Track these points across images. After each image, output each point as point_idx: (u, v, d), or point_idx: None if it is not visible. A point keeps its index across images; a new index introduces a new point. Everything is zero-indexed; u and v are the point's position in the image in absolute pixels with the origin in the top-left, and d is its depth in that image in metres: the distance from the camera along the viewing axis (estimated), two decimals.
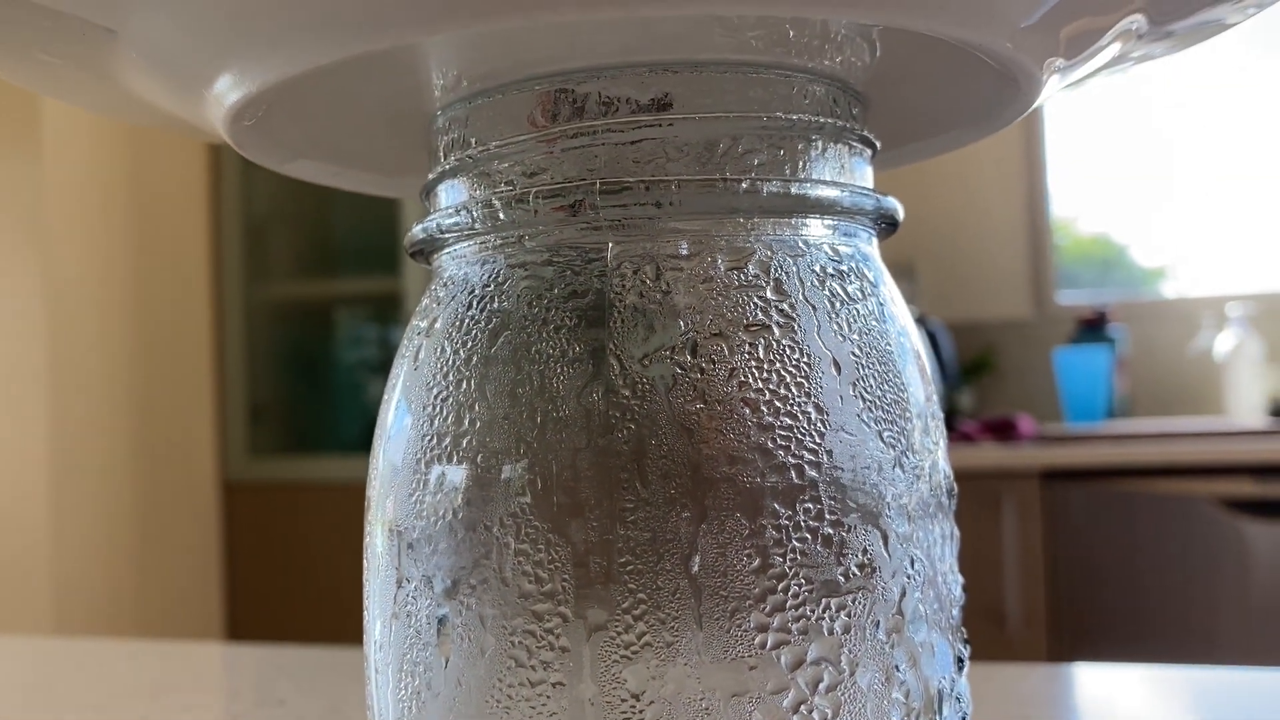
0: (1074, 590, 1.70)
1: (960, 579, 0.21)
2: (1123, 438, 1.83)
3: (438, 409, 0.19)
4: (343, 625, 1.87)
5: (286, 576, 2.17)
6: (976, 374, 2.22)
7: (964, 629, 0.21)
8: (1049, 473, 1.71)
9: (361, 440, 2.24)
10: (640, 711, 0.17)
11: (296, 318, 2.40)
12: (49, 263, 1.83)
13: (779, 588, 0.17)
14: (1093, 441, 1.83)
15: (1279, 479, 1.62)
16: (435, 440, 0.19)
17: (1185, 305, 2.20)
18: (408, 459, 0.20)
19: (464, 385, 0.19)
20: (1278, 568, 1.62)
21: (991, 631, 1.70)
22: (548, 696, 0.18)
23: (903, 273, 2.20)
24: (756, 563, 0.17)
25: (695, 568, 0.17)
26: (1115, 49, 0.21)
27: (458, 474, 0.19)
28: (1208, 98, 2.23)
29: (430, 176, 0.21)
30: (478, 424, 0.19)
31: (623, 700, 0.17)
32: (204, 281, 2.22)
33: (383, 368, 2.33)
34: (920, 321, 2.05)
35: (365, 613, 0.21)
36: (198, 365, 2.19)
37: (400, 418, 0.20)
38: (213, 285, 2.25)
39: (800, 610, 0.17)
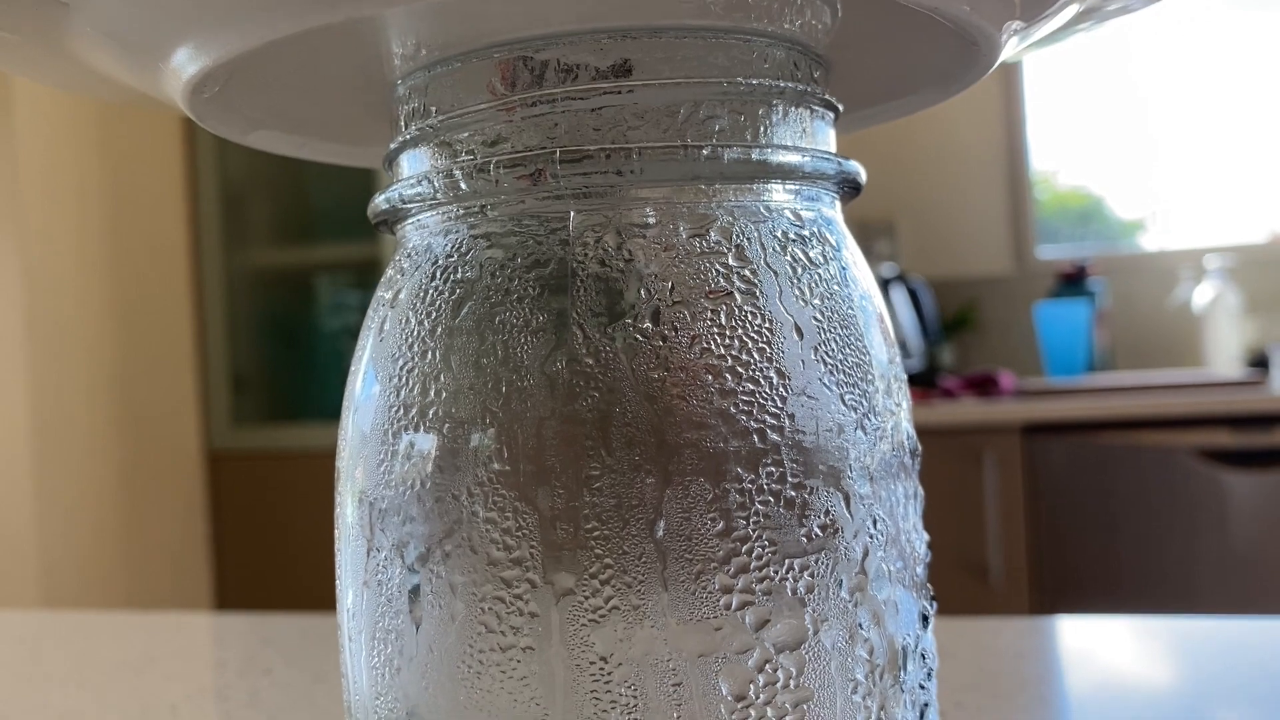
0: (1055, 542, 1.72)
1: (925, 536, 0.22)
2: (1103, 391, 1.85)
3: (404, 380, 0.19)
4: (329, 592, 1.87)
5: (272, 544, 2.18)
6: (958, 330, 2.23)
7: (930, 586, 0.22)
8: (1030, 427, 1.72)
9: None
10: (609, 673, 0.17)
11: (276, 286, 2.39)
12: (25, 236, 1.81)
13: (743, 550, 0.18)
14: (1073, 395, 1.84)
15: (1257, 429, 1.64)
16: (402, 411, 0.19)
17: (1164, 258, 2.21)
18: (376, 429, 0.20)
19: (429, 356, 0.19)
20: (1255, 517, 1.64)
21: (974, 584, 1.72)
22: (518, 661, 0.18)
23: (883, 230, 2.20)
24: (720, 526, 0.17)
25: (660, 532, 0.17)
26: (1075, 8, 0.21)
27: (425, 443, 0.19)
28: (1187, 49, 2.23)
29: (392, 146, 0.21)
30: (443, 394, 0.19)
31: (591, 663, 0.17)
32: (182, 251, 2.21)
33: None
34: (901, 279, 2.05)
35: (338, 581, 0.21)
36: (178, 335, 2.18)
37: (367, 388, 0.20)
38: (191, 255, 2.23)
39: (764, 572, 0.18)
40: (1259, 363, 1.90)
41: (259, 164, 2.31)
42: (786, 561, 0.18)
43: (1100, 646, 0.50)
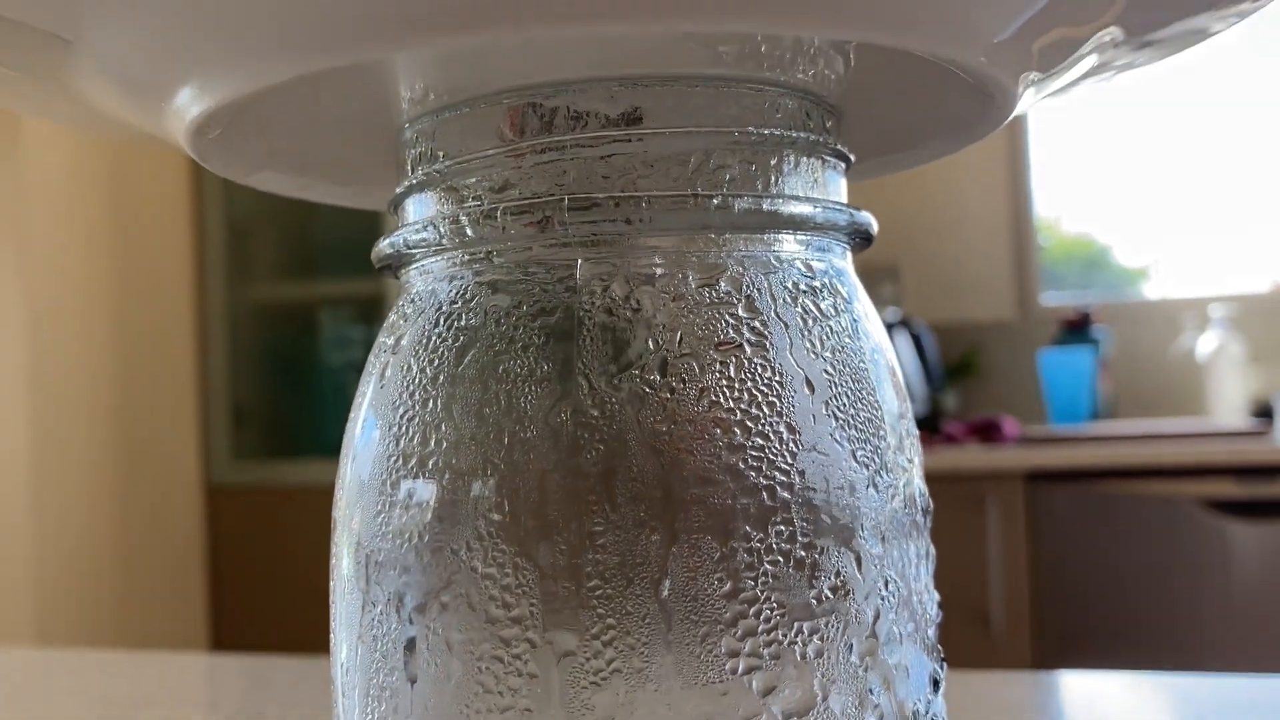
0: (1058, 591, 1.71)
1: (936, 597, 0.21)
2: (1106, 439, 1.84)
3: (404, 428, 0.19)
4: (328, 630, 1.86)
5: (271, 580, 2.16)
6: (961, 375, 2.23)
7: (940, 648, 0.21)
8: (1033, 474, 1.71)
9: None
10: None
11: (280, 320, 2.39)
12: (29, 264, 1.82)
13: (750, 612, 0.17)
14: (1076, 443, 1.83)
15: (1262, 479, 1.63)
16: (401, 460, 0.19)
17: (1168, 306, 2.21)
18: (374, 479, 0.19)
19: (430, 404, 0.19)
20: (1261, 568, 1.62)
21: (976, 633, 1.70)
22: None
23: (887, 274, 2.20)
24: (727, 586, 0.17)
25: (665, 592, 0.17)
26: (1092, 60, 0.21)
27: (424, 495, 0.18)
28: (1191, 98, 2.24)
29: (398, 190, 0.21)
30: (444, 444, 0.18)
31: None
32: (187, 283, 2.21)
33: None
34: (904, 323, 2.05)
35: (332, 635, 0.20)
36: (180, 368, 2.18)
37: (367, 436, 0.20)
38: (195, 287, 2.24)
39: (772, 634, 0.17)
40: (1263, 413, 1.90)
41: (265, 198, 2.31)
42: (795, 624, 0.17)
43: (1103, 704, 0.49)
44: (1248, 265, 2.23)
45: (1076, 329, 2.11)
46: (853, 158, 0.21)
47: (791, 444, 0.18)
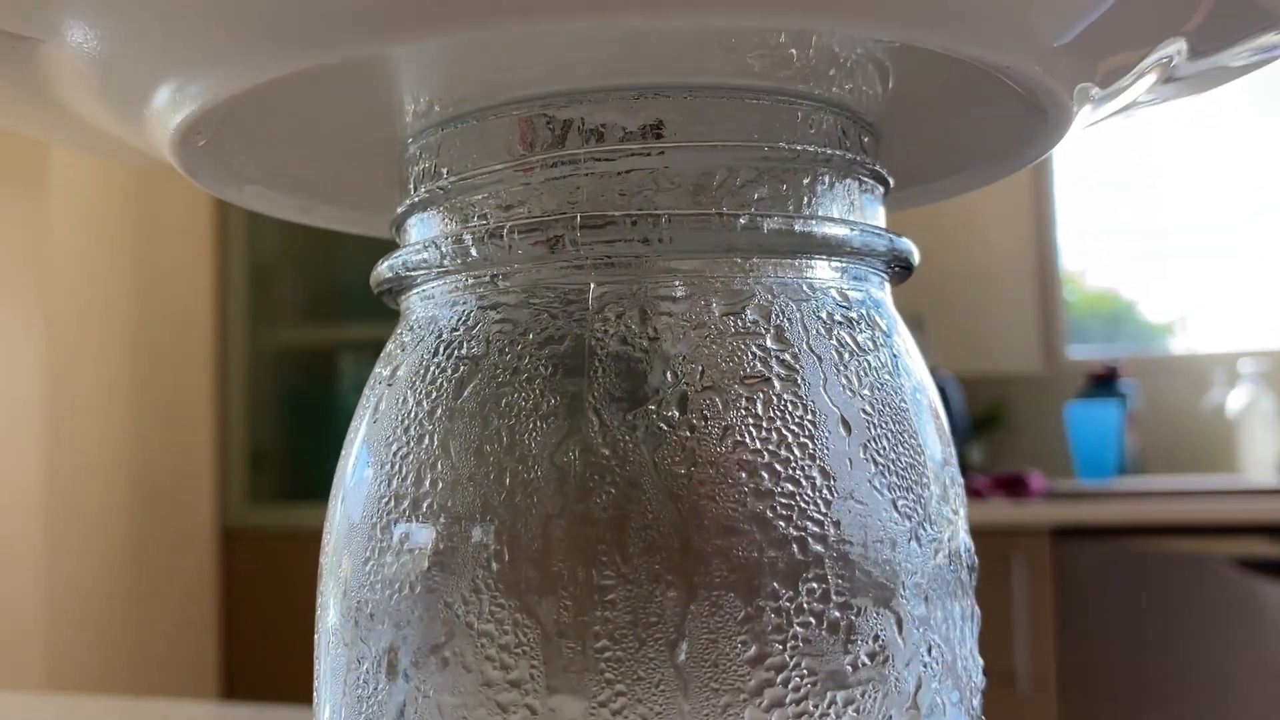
0: (1085, 650, 1.66)
1: (980, 662, 0.19)
2: (1134, 495, 1.80)
3: (397, 467, 0.17)
4: None
5: (285, 625, 2.14)
6: (987, 429, 2.19)
7: (985, 718, 0.19)
8: (1060, 530, 1.68)
9: None
10: None
11: (301, 363, 2.39)
12: (51, 304, 1.82)
13: (778, 680, 0.15)
14: (1104, 498, 1.80)
15: None
16: (393, 502, 0.17)
17: (1196, 361, 2.18)
18: (364, 522, 0.18)
19: (426, 441, 0.17)
20: None
21: (1002, 692, 1.66)
22: None
23: (912, 325, 2.16)
24: (753, 651, 0.15)
25: (682, 656, 0.15)
26: (1149, 80, 0.19)
27: (416, 541, 0.17)
28: (1216, 152, 2.23)
29: (400, 209, 0.19)
30: (440, 484, 0.17)
31: None
32: (207, 326, 2.21)
33: None
34: (930, 374, 2.02)
35: (315, 694, 0.19)
36: (199, 410, 2.17)
37: (357, 475, 0.18)
38: (216, 330, 2.24)
39: (802, 706, 0.15)
40: None
41: (289, 241, 2.32)
42: (829, 694, 0.15)
43: None
44: (1278, 320, 2.19)
45: (1103, 383, 2.08)
46: (891, 181, 0.19)
47: (825, 491, 0.16)
